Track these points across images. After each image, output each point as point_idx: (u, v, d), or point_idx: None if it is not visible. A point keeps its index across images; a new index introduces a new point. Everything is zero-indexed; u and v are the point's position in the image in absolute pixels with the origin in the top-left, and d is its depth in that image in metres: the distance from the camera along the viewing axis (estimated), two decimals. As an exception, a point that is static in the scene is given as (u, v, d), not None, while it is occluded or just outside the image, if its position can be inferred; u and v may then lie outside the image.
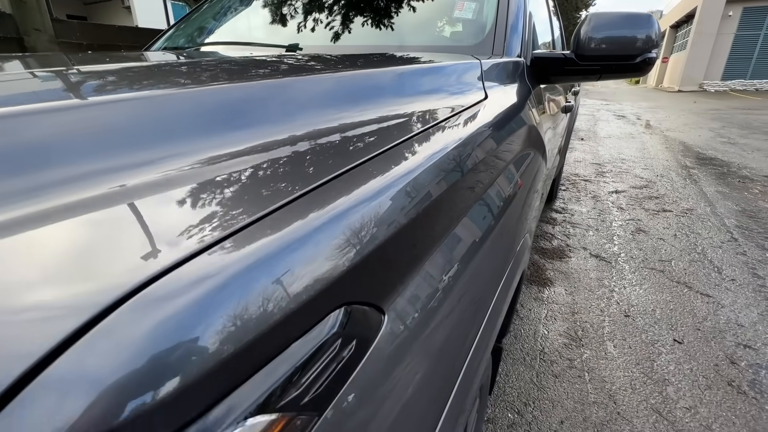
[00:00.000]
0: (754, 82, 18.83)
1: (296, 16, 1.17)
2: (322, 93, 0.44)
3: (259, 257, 0.22)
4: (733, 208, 2.96)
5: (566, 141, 2.65)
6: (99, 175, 0.25)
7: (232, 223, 0.23)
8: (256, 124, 0.36)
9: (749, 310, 1.71)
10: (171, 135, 0.31)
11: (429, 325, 0.34)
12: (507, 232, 0.57)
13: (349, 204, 0.29)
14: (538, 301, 1.81)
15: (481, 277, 0.45)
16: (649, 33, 0.89)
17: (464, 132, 0.47)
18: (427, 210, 0.37)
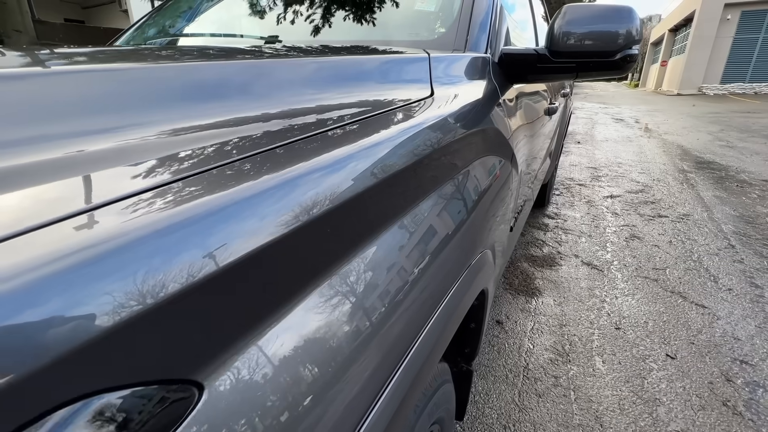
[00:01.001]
0: (753, 86, 18.81)
1: (257, 9, 1.11)
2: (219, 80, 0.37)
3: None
4: (730, 213, 2.88)
5: (557, 144, 2.57)
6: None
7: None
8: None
9: (746, 323, 1.63)
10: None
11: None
12: (454, 247, 0.49)
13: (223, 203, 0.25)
14: (524, 312, 1.72)
15: (406, 301, 0.37)
16: (630, 28, 0.81)
17: (391, 132, 0.40)
18: (335, 216, 0.31)
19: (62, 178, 0.22)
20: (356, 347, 0.31)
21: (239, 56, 0.53)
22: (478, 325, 0.76)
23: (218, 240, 0.23)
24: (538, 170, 1.67)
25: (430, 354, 0.43)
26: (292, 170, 0.30)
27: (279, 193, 0.28)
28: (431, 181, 0.45)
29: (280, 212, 0.27)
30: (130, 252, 0.20)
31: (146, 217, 0.21)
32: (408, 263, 0.39)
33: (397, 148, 0.40)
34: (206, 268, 0.22)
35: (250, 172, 0.28)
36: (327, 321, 0.29)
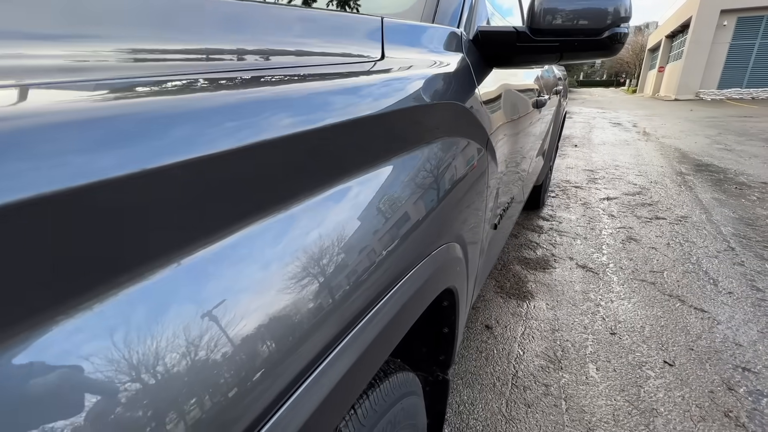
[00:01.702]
0: (750, 91, 18.88)
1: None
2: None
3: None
4: (729, 215, 2.81)
5: (551, 145, 2.51)
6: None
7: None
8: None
9: (748, 327, 1.55)
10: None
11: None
12: (404, 233, 0.41)
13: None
14: (516, 316, 1.64)
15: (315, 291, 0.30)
16: (618, 4, 0.75)
17: (324, 86, 0.33)
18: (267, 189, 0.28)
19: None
20: (272, 341, 0.26)
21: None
22: (451, 330, 0.68)
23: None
24: (528, 169, 1.60)
25: (364, 355, 0.35)
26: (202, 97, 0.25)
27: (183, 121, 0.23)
28: (371, 152, 0.38)
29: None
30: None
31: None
32: (335, 244, 0.32)
33: (331, 105, 0.33)
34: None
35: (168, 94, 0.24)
36: (241, 318, 0.25)
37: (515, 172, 1.19)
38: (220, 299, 0.24)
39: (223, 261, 0.24)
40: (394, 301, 0.40)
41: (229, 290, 0.24)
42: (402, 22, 0.54)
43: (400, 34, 0.51)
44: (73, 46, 0.24)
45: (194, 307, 0.22)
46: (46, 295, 0.17)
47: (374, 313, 0.37)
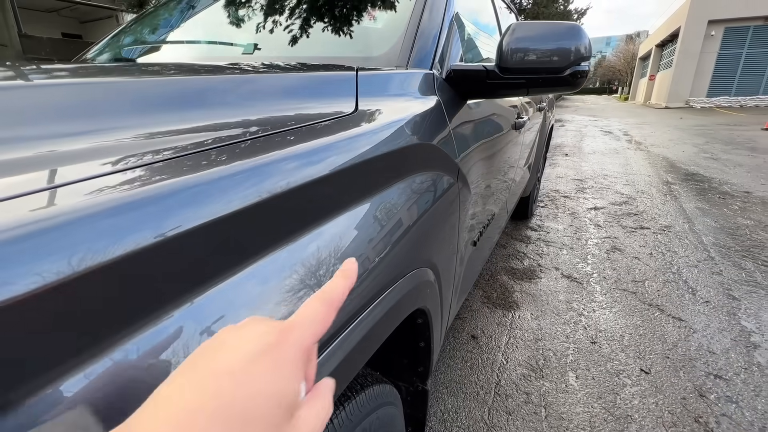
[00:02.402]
0: (739, 99, 19.25)
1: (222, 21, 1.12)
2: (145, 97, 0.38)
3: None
4: (711, 224, 2.90)
5: (537, 157, 2.59)
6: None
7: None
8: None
9: (722, 336, 1.62)
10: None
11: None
12: (376, 263, 0.48)
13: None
14: (500, 326, 1.70)
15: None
16: (578, 45, 0.82)
17: (301, 147, 0.40)
18: (240, 224, 0.32)
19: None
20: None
21: (169, 72, 0.53)
22: (427, 344, 0.74)
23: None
24: (511, 184, 1.67)
25: (337, 369, 0.41)
26: (195, 177, 0.30)
27: (180, 200, 0.29)
28: (347, 196, 0.44)
29: (184, 221, 0.28)
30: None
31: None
32: (315, 272, 0.38)
33: (306, 163, 0.39)
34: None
35: (159, 176, 0.29)
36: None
37: (495, 191, 1.26)
38: (212, 319, 0.29)
39: (224, 287, 0.30)
40: (366, 321, 0.46)
41: (217, 304, 0.30)
42: (376, 73, 0.60)
43: (374, 84, 0.58)
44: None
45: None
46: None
47: (348, 332, 0.43)
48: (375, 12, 0.87)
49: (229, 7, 1.17)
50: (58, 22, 11.03)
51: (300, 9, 0.93)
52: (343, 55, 0.81)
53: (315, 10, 0.91)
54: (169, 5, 1.38)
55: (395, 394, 0.71)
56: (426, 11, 0.82)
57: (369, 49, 0.83)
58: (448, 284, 0.78)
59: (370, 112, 0.52)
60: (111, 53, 1.23)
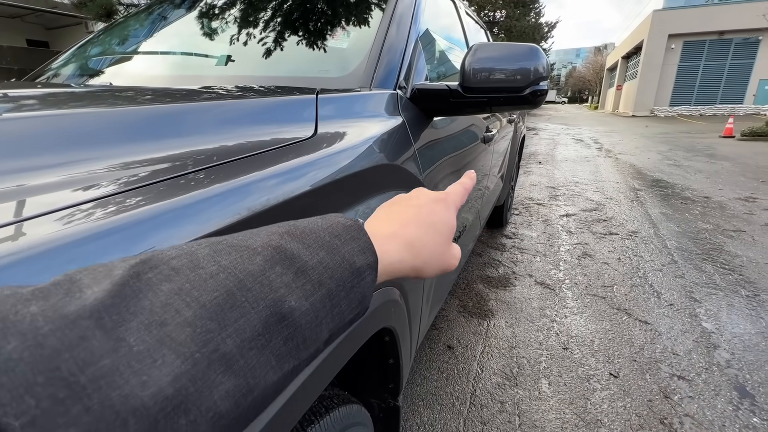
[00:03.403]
0: (698, 108, 20.39)
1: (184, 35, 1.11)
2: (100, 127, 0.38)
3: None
4: (674, 229, 3.04)
5: (510, 166, 2.66)
6: None
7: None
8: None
9: (685, 338, 1.69)
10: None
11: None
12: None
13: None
14: (476, 335, 1.72)
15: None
16: (537, 65, 0.86)
17: (259, 175, 0.40)
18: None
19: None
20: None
21: (120, 99, 0.52)
22: (396, 361, 0.74)
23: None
24: (483, 193, 1.71)
25: (300, 389, 0.41)
26: (137, 214, 0.30)
27: (123, 237, 0.28)
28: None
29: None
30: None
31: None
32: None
33: (258, 192, 0.39)
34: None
35: (105, 217, 0.29)
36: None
37: (465, 205, 1.28)
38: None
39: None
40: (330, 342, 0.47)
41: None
42: (337, 95, 0.61)
43: (335, 106, 0.59)
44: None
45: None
46: None
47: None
48: (340, 32, 0.89)
49: (199, 20, 1.17)
50: (22, 28, 10.60)
51: (268, 28, 0.93)
52: (309, 75, 0.82)
53: (283, 29, 0.92)
54: (140, 16, 1.36)
55: (365, 413, 0.70)
56: (391, 31, 0.84)
57: (335, 69, 0.84)
58: (416, 301, 0.79)
59: (330, 136, 0.53)
60: (78, 64, 1.20)
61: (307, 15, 0.95)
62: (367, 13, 0.92)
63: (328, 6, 0.98)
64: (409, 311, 0.72)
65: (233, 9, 1.07)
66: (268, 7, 1.00)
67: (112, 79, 1.01)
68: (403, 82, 0.82)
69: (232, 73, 0.90)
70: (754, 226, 3.08)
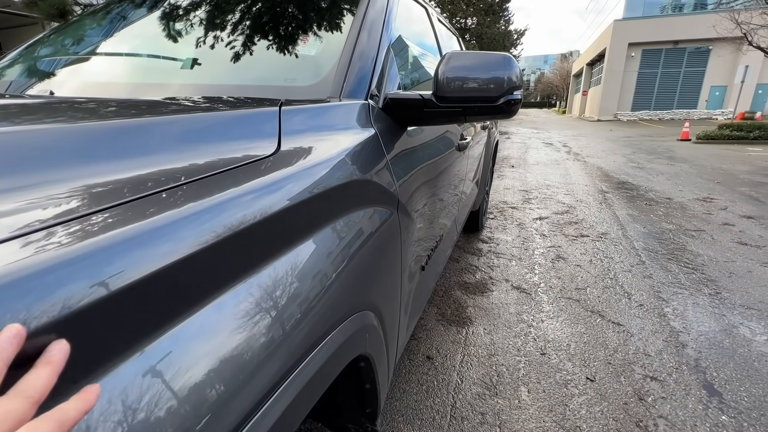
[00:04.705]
0: (657, 113, 21.57)
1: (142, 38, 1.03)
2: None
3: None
4: (641, 230, 3.16)
5: (484, 172, 2.68)
6: None
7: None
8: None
9: (655, 338, 1.74)
10: None
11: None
12: (307, 314, 0.43)
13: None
14: (455, 344, 1.70)
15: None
16: (510, 74, 0.85)
17: (215, 200, 0.36)
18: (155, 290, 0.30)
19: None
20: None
21: (54, 114, 0.46)
22: (373, 386, 0.70)
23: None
24: (458, 203, 1.70)
25: (276, 424, 0.37)
26: (101, 239, 0.27)
27: (89, 264, 0.26)
28: (266, 248, 0.40)
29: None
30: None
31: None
32: (244, 328, 0.35)
33: (215, 216, 0.35)
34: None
35: (57, 245, 0.26)
36: (154, 387, 0.28)
37: (442, 212, 1.26)
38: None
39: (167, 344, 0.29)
40: (301, 376, 0.42)
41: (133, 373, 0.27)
42: (302, 107, 0.57)
43: (300, 119, 0.54)
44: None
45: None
46: None
47: (283, 389, 0.39)
48: (309, 38, 0.84)
49: (150, 23, 1.09)
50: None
51: (230, 32, 0.88)
52: (275, 83, 0.77)
53: (246, 34, 0.86)
54: (96, 15, 1.26)
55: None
56: (362, 37, 0.80)
57: (302, 78, 0.79)
58: (393, 319, 0.76)
59: (295, 152, 0.48)
60: (25, 64, 1.10)
61: (273, 20, 0.90)
62: (337, 18, 0.88)
63: (296, 10, 0.94)
64: (385, 333, 0.68)
65: (194, 12, 1.01)
66: (230, 10, 0.95)
67: (56, 83, 0.92)
68: (375, 90, 0.78)
69: (188, 81, 0.83)
70: (713, 225, 3.25)
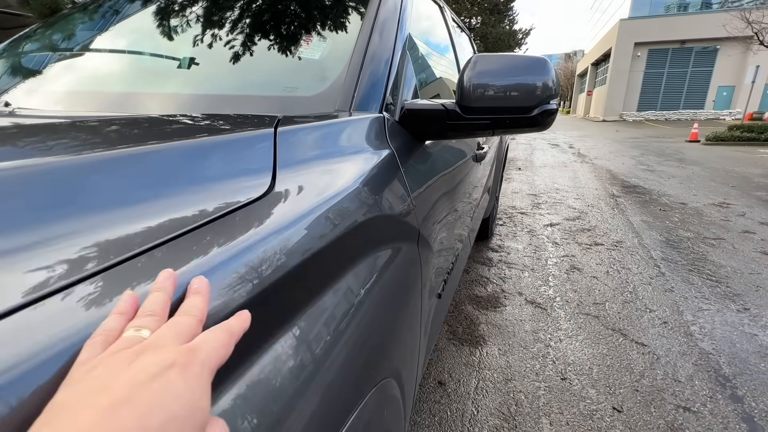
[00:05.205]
0: (663, 113, 21.34)
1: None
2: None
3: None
4: (657, 238, 3.02)
5: (496, 178, 2.56)
6: None
7: None
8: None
9: (684, 361, 1.61)
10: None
11: None
12: (326, 393, 0.32)
13: None
14: (469, 367, 1.59)
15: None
16: (546, 80, 0.73)
17: (192, 264, 0.25)
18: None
19: None
20: None
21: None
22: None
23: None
24: (472, 216, 1.58)
25: None
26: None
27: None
28: (269, 318, 0.29)
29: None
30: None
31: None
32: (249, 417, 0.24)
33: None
34: None
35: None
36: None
37: (458, 232, 1.15)
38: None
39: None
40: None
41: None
42: (303, 126, 0.45)
43: (301, 142, 0.43)
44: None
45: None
46: None
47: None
48: (312, 38, 0.72)
49: (155, 18, 0.98)
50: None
51: (220, 34, 0.76)
52: (272, 94, 0.65)
53: (239, 36, 0.75)
54: (87, 9, 1.15)
55: None
56: (374, 38, 0.69)
57: (305, 86, 0.67)
58: (411, 380, 0.64)
59: (293, 191, 0.37)
60: (8, 60, 0.99)
61: (271, 17, 0.78)
62: (345, 14, 0.76)
63: (297, 6, 0.82)
64: (404, 399, 0.56)
65: (174, 6, 0.89)
66: (221, 6, 0.83)
67: (20, 92, 0.81)
68: (389, 98, 0.66)
69: (166, 90, 0.71)
70: (732, 233, 3.11)
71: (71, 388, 0.18)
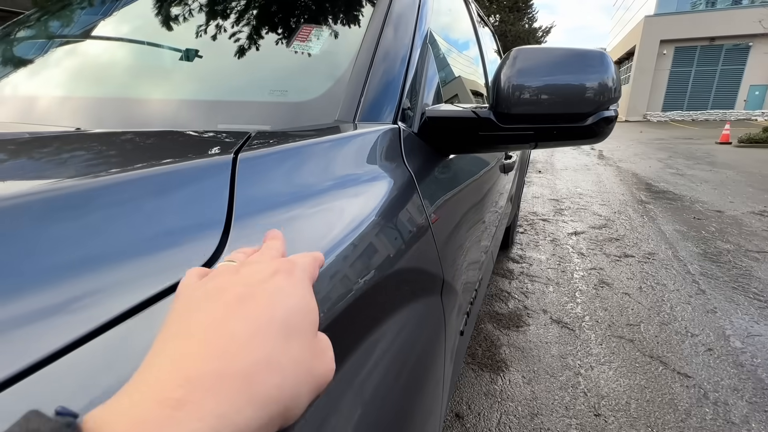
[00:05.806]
0: (690, 113, 20.51)
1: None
2: None
3: None
4: (694, 250, 2.79)
5: (518, 187, 2.39)
6: None
7: None
8: None
9: (736, 397, 1.42)
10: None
11: None
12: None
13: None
14: (489, 397, 1.43)
15: None
16: (605, 79, 0.58)
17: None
18: None
19: None
20: None
21: None
22: None
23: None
24: (498, 229, 1.43)
25: None
26: None
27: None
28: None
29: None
30: None
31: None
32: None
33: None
34: None
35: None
36: None
37: (481, 255, 1.00)
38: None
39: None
40: None
41: None
42: (280, 149, 0.29)
43: (273, 176, 0.27)
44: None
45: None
46: None
47: None
48: (310, 29, 0.59)
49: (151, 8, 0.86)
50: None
51: (191, 24, 0.64)
52: (254, 98, 0.52)
53: (214, 23, 0.62)
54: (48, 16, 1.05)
55: None
56: (388, 30, 0.55)
57: (297, 88, 0.54)
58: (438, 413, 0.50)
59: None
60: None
61: (257, 4, 0.65)
62: (352, 2, 0.63)
63: None
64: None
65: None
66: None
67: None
68: (407, 103, 0.53)
69: (107, 94, 0.59)
70: (778, 246, 2.85)
71: (183, 302, 0.17)
